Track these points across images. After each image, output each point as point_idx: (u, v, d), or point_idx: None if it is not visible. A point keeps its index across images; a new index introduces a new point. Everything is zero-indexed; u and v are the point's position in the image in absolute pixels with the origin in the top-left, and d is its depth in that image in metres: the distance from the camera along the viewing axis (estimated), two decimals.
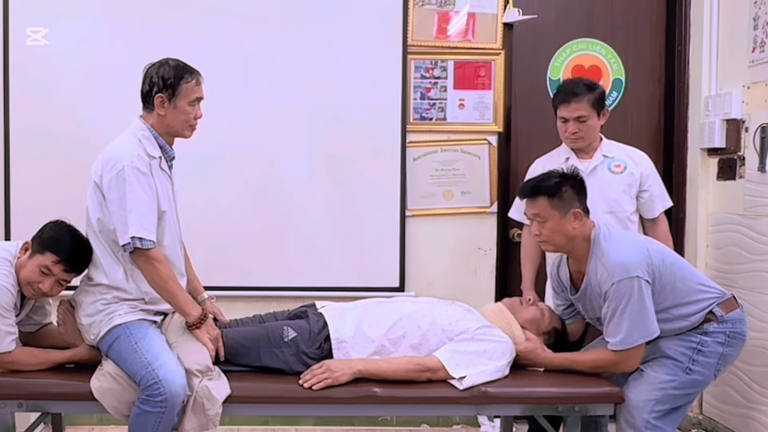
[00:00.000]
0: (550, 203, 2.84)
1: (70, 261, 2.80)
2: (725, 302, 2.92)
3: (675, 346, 2.87)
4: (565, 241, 2.87)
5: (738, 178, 3.87)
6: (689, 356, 2.85)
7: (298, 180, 4.13)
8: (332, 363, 2.75)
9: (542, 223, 2.86)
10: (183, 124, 2.85)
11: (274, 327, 2.90)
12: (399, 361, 2.77)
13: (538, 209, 2.86)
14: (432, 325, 2.86)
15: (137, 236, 2.68)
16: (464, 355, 2.76)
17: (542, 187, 2.87)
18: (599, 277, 2.82)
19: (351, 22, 4.15)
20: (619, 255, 2.82)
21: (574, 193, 2.87)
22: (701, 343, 2.85)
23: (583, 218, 2.86)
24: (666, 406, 2.85)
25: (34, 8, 4.04)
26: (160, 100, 2.80)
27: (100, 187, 2.77)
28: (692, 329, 2.87)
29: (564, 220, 2.83)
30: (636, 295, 2.74)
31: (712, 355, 2.87)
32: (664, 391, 2.84)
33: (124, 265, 2.79)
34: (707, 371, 2.89)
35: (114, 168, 2.72)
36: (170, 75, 2.80)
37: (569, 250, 2.92)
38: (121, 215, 2.70)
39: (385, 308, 2.97)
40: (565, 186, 2.86)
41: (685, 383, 2.86)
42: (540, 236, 2.89)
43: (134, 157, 2.74)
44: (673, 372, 2.85)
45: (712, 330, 2.87)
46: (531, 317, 3.02)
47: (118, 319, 2.76)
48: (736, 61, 3.91)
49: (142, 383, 2.64)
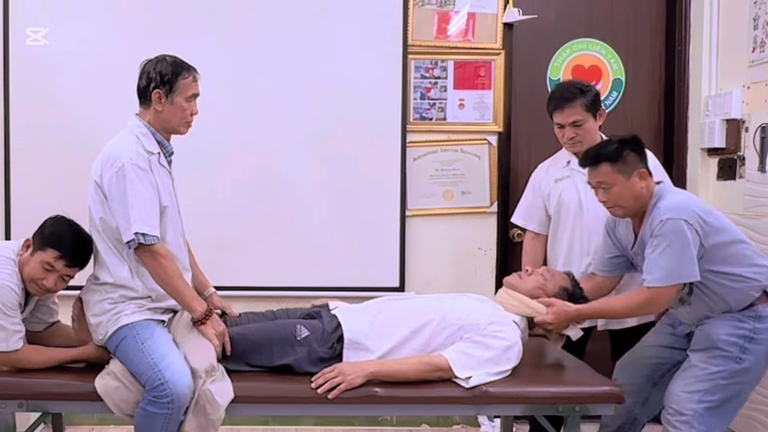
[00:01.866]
0: (613, 168, 2.85)
1: (72, 256, 2.81)
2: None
3: (725, 335, 2.82)
4: (633, 203, 2.87)
5: (738, 178, 3.87)
6: (740, 345, 2.81)
7: (298, 180, 4.14)
8: (344, 366, 2.73)
9: (607, 189, 2.87)
10: (179, 120, 2.86)
11: (286, 325, 2.90)
12: (410, 362, 2.77)
13: (602, 176, 2.87)
14: (443, 320, 2.85)
15: (140, 232, 2.68)
16: (470, 359, 2.76)
17: (604, 154, 2.88)
18: (653, 217, 2.81)
19: (351, 22, 4.15)
20: (674, 198, 2.86)
21: (636, 156, 2.88)
22: (753, 331, 2.81)
23: (648, 178, 2.87)
24: (716, 396, 2.80)
25: (34, 8, 4.05)
26: (158, 96, 2.81)
27: (100, 186, 2.77)
28: (744, 310, 2.83)
29: (630, 183, 2.84)
30: (681, 234, 2.73)
31: (764, 342, 2.81)
32: (712, 381, 2.80)
33: (128, 263, 2.79)
34: (759, 359, 2.83)
35: (114, 166, 2.73)
36: (168, 71, 2.81)
37: (637, 211, 2.91)
38: (123, 212, 2.70)
39: (397, 307, 2.97)
40: (626, 150, 2.87)
41: (735, 373, 2.81)
42: (607, 202, 2.90)
43: (133, 153, 2.74)
44: (722, 362, 2.81)
45: (765, 315, 2.82)
46: (534, 286, 3.00)
47: (125, 319, 2.76)
48: (736, 61, 3.91)
49: (149, 384, 2.63)
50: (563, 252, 3.47)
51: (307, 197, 4.16)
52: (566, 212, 3.44)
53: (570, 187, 3.42)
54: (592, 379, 2.85)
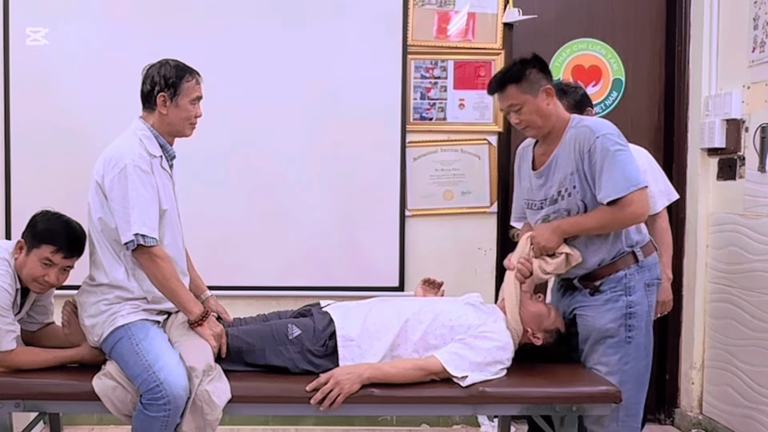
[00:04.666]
0: (519, 89, 2.84)
1: (68, 247, 2.81)
2: (645, 246, 2.91)
3: (608, 323, 2.85)
4: (543, 121, 2.86)
5: (738, 178, 3.87)
6: (624, 324, 2.84)
7: (298, 179, 4.14)
8: (339, 373, 2.72)
9: (518, 110, 2.86)
10: (184, 123, 2.87)
11: (278, 325, 2.90)
12: (405, 366, 2.77)
13: (510, 98, 2.86)
14: (434, 321, 2.87)
15: (140, 233, 2.68)
16: (463, 360, 2.77)
17: (507, 76, 2.87)
18: (579, 137, 2.80)
19: (351, 22, 4.15)
20: (600, 119, 2.90)
21: (539, 73, 2.87)
22: (628, 305, 2.84)
23: (554, 95, 2.87)
24: (630, 383, 2.84)
25: (34, 8, 4.05)
26: (162, 99, 2.81)
27: (101, 186, 2.77)
28: (615, 289, 2.85)
29: (537, 100, 2.84)
30: (621, 147, 2.76)
31: (642, 313, 2.86)
32: (619, 371, 2.84)
33: (125, 264, 2.79)
34: (645, 328, 2.88)
35: (116, 167, 2.73)
36: (172, 74, 2.82)
37: (549, 130, 2.90)
38: (124, 213, 2.70)
39: (389, 306, 2.97)
40: (528, 68, 2.86)
41: (631, 352, 2.85)
42: (520, 124, 2.89)
43: (136, 155, 2.75)
44: (616, 349, 2.85)
45: (633, 284, 2.85)
46: (536, 311, 3.00)
47: (120, 321, 2.75)
48: (736, 61, 3.91)
49: (144, 386, 2.63)
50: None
51: (307, 197, 4.16)
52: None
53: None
54: (588, 379, 2.85)
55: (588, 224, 2.84)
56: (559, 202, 2.89)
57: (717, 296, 3.98)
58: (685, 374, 4.22)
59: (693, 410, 4.18)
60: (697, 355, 4.15)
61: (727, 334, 3.90)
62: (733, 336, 3.85)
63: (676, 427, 4.27)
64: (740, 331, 3.78)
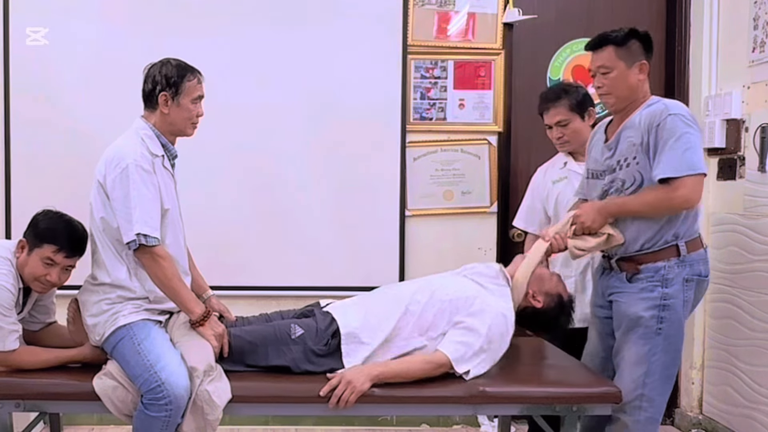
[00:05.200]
0: (617, 53, 2.82)
1: (70, 247, 2.81)
2: (692, 240, 2.86)
3: (641, 311, 2.81)
4: (627, 92, 2.84)
5: (738, 178, 3.87)
6: (656, 316, 2.80)
7: (298, 179, 4.14)
8: (349, 374, 2.72)
9: (606, 73, 2.84)
10: (186, 122, 2.87)
11: (281, 325, 2.90)
12: (413, 361, 2.77)
13: (604, 59, 2.84)
14: (431, 298, 2.87)
15: (142, 233, 2.68)
16: (468, 348, 2.75)
17: (610, 37, 2.85)
18: (652, 110, 2.77)
19: (351, 22, 4.16)
20: (680, 102, 2.85)
21: (641, 47, 2.85)
22: (663, 297, 2.80)
23: (647, 72, 2.85)
24: (657, 373, 2.81)
25: (34, 8, 4.05)
26: (164, 99, 2.81)
27: (103, 186, 2.77)
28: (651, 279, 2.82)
29: (629, 71, 2.82)
30: (692, 131, 2.71)
31: (676, 306, 2.81)
32: (647, 361, 2.81)
33: (127, 263, 2.79)
34: (677, 322, 2.84)
35: (118, 166, 2.73)
36: (173, 74, 2.82)
37: (627, 105, 2.87)
38: (126, 213, 2.70)
39: (388, 295, 2.98)
40: (632, 39, 2.84)
41: (661, 344, 2.81)
42: (602, 88, 2.87)
43: (138, 155, 2.75)
44: (646, 340, 2.81)
45: (671, 277, 2.81)
46: (539, 273, 3.01)
47: (122, 320, 2.75)
48: (736, 61, 3.91)
49: (145, 386, 2.63)
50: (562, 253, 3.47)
51: (307, 197, 4.16)
52: (564, 213, 3.45)
53: (567, 189, 3.42)
54: (589, 379, 2.85)
55: (635, 206, 2.80)
56: (617, 172, 2.86)
57: (717, 296, 3.98)
58: (685, 374, 4.21)
59: (693, 410, 4.18)
60: (697, 355, 4.15)
61: (727, 334, 3.90)
62: (733, 336, 3.85)
63: (676, 427, 4.26)
64: (740, 331, 3.79)
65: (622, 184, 2.84)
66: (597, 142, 3.03)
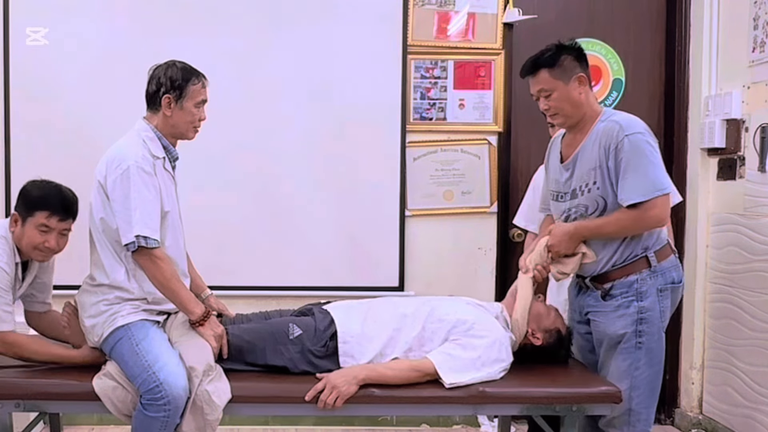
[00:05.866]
0: (551, 74, 2.81)
1: (62, 209, 2.82)
2: (661, 249, 2.85)
3: (620, 329, 2.81)
4: (573, 109, 2.83)
5: (738, 178, 3.87)
6: (635, 330, 2.80)
7: (298, 180, 4.14)
8: (334, 377, 2.71)
9: (548, 95, 2.84)
10: (188, 125, 2.86)
11: (279, 324, 2.90)
12: (400, 367, 2.76)
13: (541, 83, 2.84)
14: (430, 315, 2.87)
15: (142, 235, 2.68)
16: (457, 360, 2.76)
17: (541, 61, 2.84)
18: (607, 132, 2.75)
19: (351, 22, 4.16)
20: (627, 115, 2.82)
21: (574, 60, 2.84)
22: (640, 311, 2.80)
23: (587, 83, 2.84)
24: (641, 389, 2.82)
25: (34, 8, 4.05)
26: (168, 101, 2.80)
27: (104, 186, 2.76)
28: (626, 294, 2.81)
29: (569, 87, 2.81)
30: (651, 149, 2.71)
31: (653, 319, 2.81)
32: (630, 376, 2.81)
33: (126, 264, 2.79)
34: (656, 334, 2.83)
35: (119, 168, 2.72)
36: (178, 76, 2.81)
37: (579, 119, 2.86)
38: (125, 214, 2.69)
39: (389, 305, 2.98)
40: (562, 55, 2.83)
41: (643, 358, 2.81)
42: (549, 110, 2.86)
43: (139, 157, 2.74)
44: (628, 355, 2.81)
45: (644, 289, 2.80)
46: (536, 311, 3.00)
47: (120, 321, 2.75)
48: (736, 61, 3.91)
49: (143, 387, 2.63)
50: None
51: (307, 197, 4.16)
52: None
53: None
54: (589, 379, 2.85)
55: (607, 229, 2.79)
56: (579, 198, 2.85)
57: (717, 296, 3.99)
58: (685, 374, 4.22)
59: (693, 410, 4.18)
60: (697, 355, 4.15)
61: (727, 334, 3.90)
62: (733, 336, 3.85)
63: (676, 427, 4.27)
64: (740, 331, 3.79)
65: (585, 210, 2.84)
66: (553, 161, 3.02)
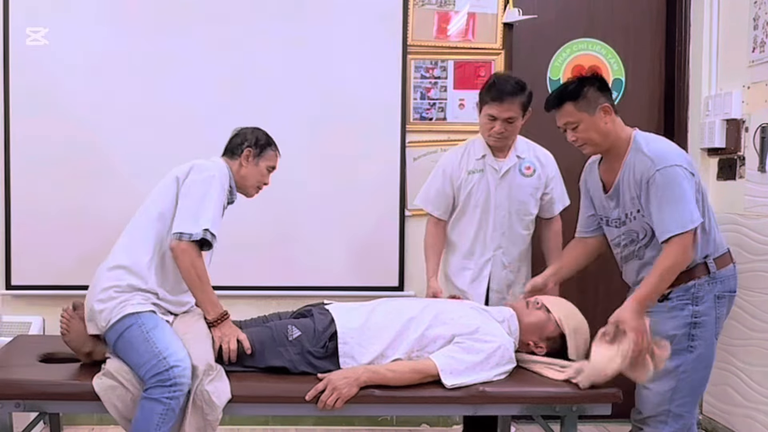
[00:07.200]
0: (576, 106, 2.86)
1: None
2: (720, 257, 2.88)
3: (671, 330, 2.81)
4: (600, 138, 2.88)
5: (738, 178, 3.87)
6: (687, 334, 2.81)
7: (298, 180, 4.13)
8: (335, 378, 2.71)
9: (575, 128, 2.89)
10: (254, 182, 3.13)
11: (278, 326, 2.90)
12: (402, 369, 2.77)
13: (567, 116, 2.89)
14: (434, 318, 2.88)
15: (210, 230, 2.83)
16: (460, 363, 2.76)
17: (565, 93, 2.89)
18: (639, 166, 2.80)
19: (351, 22, 4.16)
20: (661, 145, 2.86)
21: (597, 91, 2.88)
22: (694, 315, 2.81)
23: (612, 113, 2.88)
24: (684, 390, 2.82)
25: (34, 8, 4.05)
26: (248, 153, 3.08)
27: (179, 181, 2.93)
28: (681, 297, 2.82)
29: (594, 118, 2.86)
30: (682, 178, 2.73)
31: (708, 324, 2.82)
32: (675, 378, 2.80)
33: (153, 255, 2.87)
34: (709, 340, 2.84)
35: (207, 172, 2.94)
36: (263, 139, 3.13)
37: (608, 148, 2.91)
38: (195, 209, 2.84)
39: (390, 307, 2.98)
40: (585, 86, 2.88)
41: (692, 362, 2.81)
42: (577, 141, 2.91)
43: (225, 175, 3.01)
44: (676, 357, 2.79)
45: (701, 294, 2.82)
46: (536, 321, 3.00)
47: (130, 308, 2.78)
48: (736, 61, 3.92)
49: (152, 371, 2.65)
50: (466, 245, 3.53)
51: (307, 197, 4.16)
52: (474, 206, 3.48)
53: (482, 182, 3.45)
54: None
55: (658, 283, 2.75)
56: (628, 224, 2.91)
57: None
58: None
59: None
60: None
61: (727, 333, 3.89)
62: (733, 336, 3.85)
63: None
64: (740, 331, 3.78)
65: (636, 235, 2.90)
66: (595, 188, 3.05)
